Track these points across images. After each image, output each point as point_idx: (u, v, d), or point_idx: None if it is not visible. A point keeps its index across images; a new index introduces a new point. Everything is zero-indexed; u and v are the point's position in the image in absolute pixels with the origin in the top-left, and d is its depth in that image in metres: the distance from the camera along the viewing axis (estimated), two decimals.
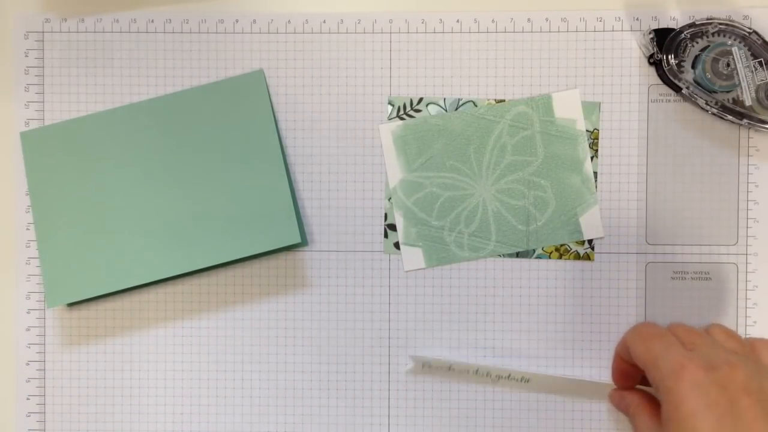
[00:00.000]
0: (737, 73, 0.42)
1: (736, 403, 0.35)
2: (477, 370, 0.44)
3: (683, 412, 0.35)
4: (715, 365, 0.36)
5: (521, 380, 0.44)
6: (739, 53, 0.42)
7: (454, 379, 0.45)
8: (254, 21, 0.45)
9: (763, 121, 0.43)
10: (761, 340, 0.39)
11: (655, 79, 0.44)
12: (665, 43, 0.43)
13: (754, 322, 0.44)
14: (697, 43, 0.43)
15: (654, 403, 0.40)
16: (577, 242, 0.45)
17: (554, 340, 0.45)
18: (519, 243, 0.45)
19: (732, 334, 0.40)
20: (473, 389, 0.45)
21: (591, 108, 0.45)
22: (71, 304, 0.46)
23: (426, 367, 0.45)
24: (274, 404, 0.46)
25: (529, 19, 0.45)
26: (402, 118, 0.45)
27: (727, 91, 0.43)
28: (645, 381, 0.42)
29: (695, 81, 0.43)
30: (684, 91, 0.43)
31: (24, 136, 0.45)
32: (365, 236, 0.45)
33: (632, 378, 0.42)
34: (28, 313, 0.46)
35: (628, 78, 0.45)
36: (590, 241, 0.45)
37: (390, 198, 0.45)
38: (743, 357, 0.37)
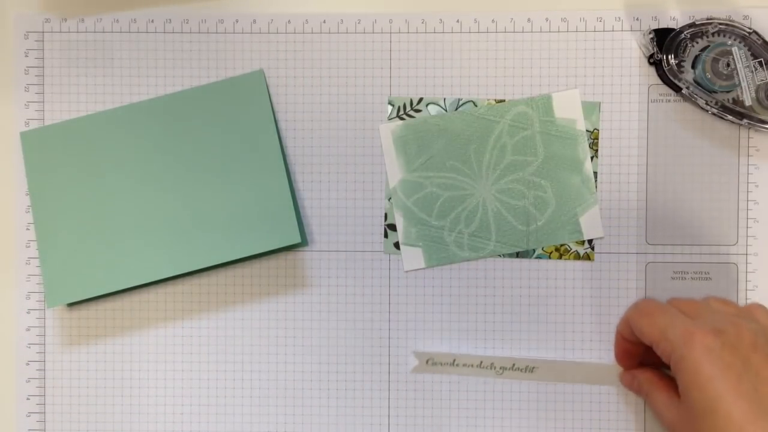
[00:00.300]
0: (737, 73, 0.42)
1: (749, 361, 0.35)
2: (481, 362, 0.44)
3: (702, 378, 0.35)
4: (721, 328, 0.36)
5: (526, 370, 0.44)
6: (739, 53, 0.42)
7: (458, 373, 0.45)
8: (254, 21, 0.45)
9: (763, 121, 0.43)
10: (757, 305, 0.40)
11: (655, 79, 0.44)
12: (665, 43, 0.43)
13: None
14: (697, 43, 0.43)
15: (666, 379, 0.41)
16: (577, 242, 0.45)
17: (554, 341, 0.45)
18: (519, 243, 0.45)
19: (729, 302, 0.41)
20: (473, 389, 0.45)
21: (591, 108, 0.45)
22: (71, 304, 0.46)
23: (430, 363, 0.44)
24: (274, 404, 0.46)
25: (529, 19, 0.45)
26: (402, 118, 0.45)
27: (727, 91, 0.43)
28: (647, 359, 0.42)
29: (695, 81, 0.43)
30: (684, 91, 0.43)
31: (24, 136, 0.45)
32: (365, 236, 0.45)
33: (635, 356, 0.43)
34: (28, 313, 0.46)
35: (628, 78, 0.45)
36: (590, 241, 0.45)
37: (390, 198, 0.45)
38: (744, 318, 0.38)
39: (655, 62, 0.44)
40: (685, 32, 0.43)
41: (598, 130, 0.45)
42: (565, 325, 0.45)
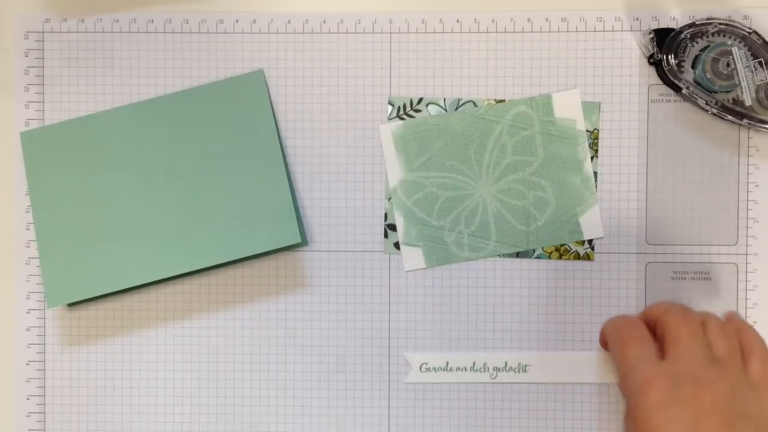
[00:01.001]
0: (737, 73, 0.42)
1: (699, 422, 0.35)
2: (474, 363, 0.44)
3: (648, 428, 0.36)
4: (681, 382, 0.36)
5: (519, 369, 0.44)
6: (739, 53, 0.42)
7: (452, 380, 0.45)
8: (254, 21, 0.45)
9: (763, 121, 0.43)
10: (754, 349, 0.39)
11: (655, 79, 0.44)
12: (665, 43, 0.43)
13: (754, 322, 0.44)
14: (697, 43, 0.43)
15: None
16: (577, 242, 0.45)
17: (554, 341, 0.45)
18: (519, 243, 0.45)
19: (726, 335, 0.39)
20: (473, 389, 0.45)
21: (591, 108, 0.45)
22: (71, 304, 0.46)
23: (424, 369, 0.45)
24: (274, 404, 0.46)
25: (529, 19, 0.45)
26: (402, 118, 0.45)
27: (727, 91, 0.43)
28: None
29: (695, 81, 0.43)
30: (684, 91, 0.43)
31: (24, 136, 0.45)
32: (365, 236, 0.45)
33: None
34: (28, 313, 0.46)
35: (628, 78, 0.45)
36: (590, 241, 0.45)
37: (390, 198, 0.45)
38: (721, 371, 0.37)
39: (655, 62, 0.44)
40: (685, 32, 0.43)
41: (598, 130, 0.45)
42: (566, 325, 0.45)
